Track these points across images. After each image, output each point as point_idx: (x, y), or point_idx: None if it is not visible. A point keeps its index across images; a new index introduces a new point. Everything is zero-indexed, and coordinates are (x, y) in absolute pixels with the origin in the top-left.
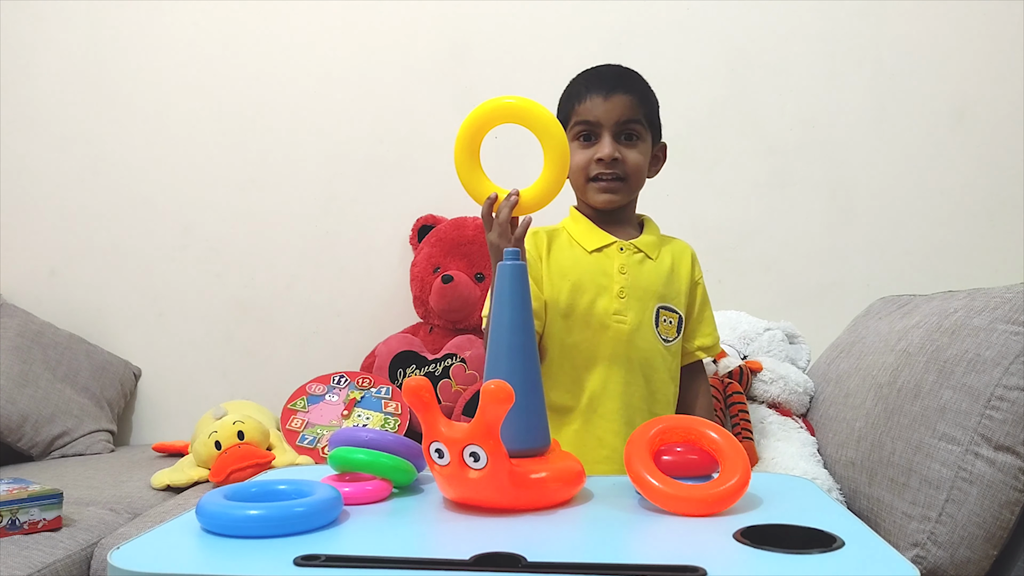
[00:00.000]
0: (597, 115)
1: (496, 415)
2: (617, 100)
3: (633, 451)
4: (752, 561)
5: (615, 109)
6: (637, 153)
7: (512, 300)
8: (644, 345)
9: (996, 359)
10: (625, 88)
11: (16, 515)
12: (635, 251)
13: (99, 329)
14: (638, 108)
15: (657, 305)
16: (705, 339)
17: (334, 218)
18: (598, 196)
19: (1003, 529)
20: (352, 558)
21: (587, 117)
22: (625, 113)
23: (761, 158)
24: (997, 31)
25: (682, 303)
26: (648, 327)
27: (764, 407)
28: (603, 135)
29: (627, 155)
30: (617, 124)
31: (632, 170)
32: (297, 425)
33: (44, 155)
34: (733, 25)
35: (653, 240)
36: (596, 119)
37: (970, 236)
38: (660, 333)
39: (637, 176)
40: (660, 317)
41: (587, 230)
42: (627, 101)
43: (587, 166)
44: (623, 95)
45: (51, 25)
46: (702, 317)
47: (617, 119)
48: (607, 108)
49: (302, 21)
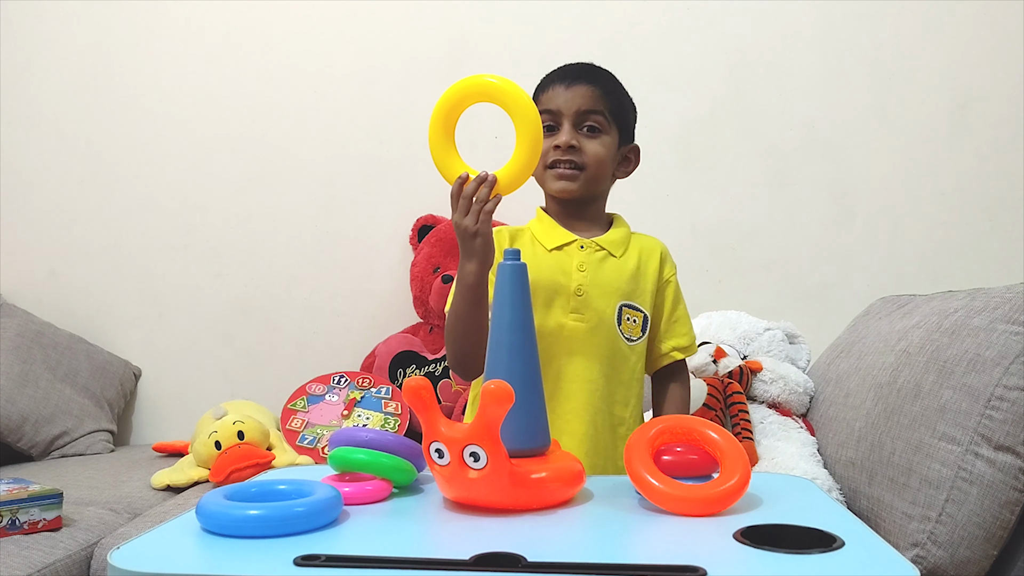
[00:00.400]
0: (558, 104)
1: (496, 415)
2: (578, 90)
3: (633, 451)
4: (752, 561)
5: (575, 98)
6: (598, 145)
7: (512, 300)
8: (604, 343)
9: (996, 359)
10: (588, 79)
11: (16, 515)
12: (596, 249)
13: (99, 329)
14: (600, 100)
15: (620, 303)
16: (680, 339)
17: (334, 218)
18: (555, 184)
19: (1003, 529)
20: (352, 558)
21: (548, 106)
22: (586, 103)
23: (761, 158)
24: (997, 31)
25: (648, 302)
26: (609, 325)
27: (764, 407)
28: (563, 124)
29: (586, 145)
30: (578, 114)
31: (590, 160)
32: (297, 425)
33: (44, 155)
34: (733, 25)
35: (618, 238)
36: (557, 108)
37: (970, 236)
38: (623, 332)
39: (597, 167)
40: (623, 315)
41: (549, 228)
42: (589, 92)
43: (546, 154)
44: (585, 85)
45: (51, 25)
46: (675, 316)
47: (577, 108)
48: (568, 97)
49: (302, 21)
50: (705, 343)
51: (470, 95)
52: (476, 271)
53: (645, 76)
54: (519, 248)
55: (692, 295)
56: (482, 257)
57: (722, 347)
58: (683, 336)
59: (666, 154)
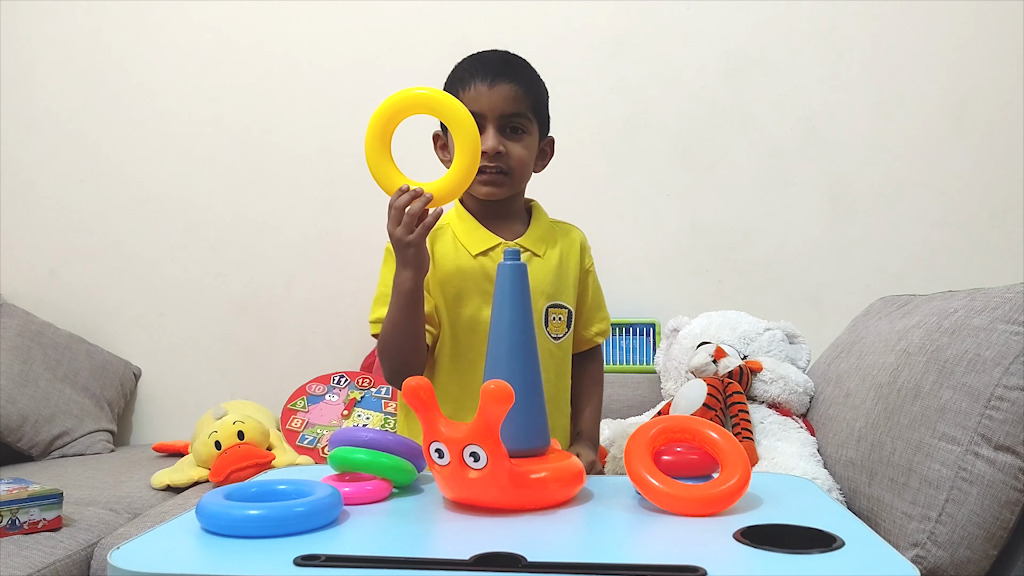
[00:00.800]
0: (481, 106)
1: (496, 415)
2: (501, 90)
3: (633, 451)
4: (752, 561)
5: (499, 100)
6: (522, 147)
7: (512, 299)
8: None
9: (996, 359)
10: (510, 77)
11: (16, 515)
12: (522, 251)
13: (99, 329)
14: (524, 100)
15: (546, 305)
16: (602, 323)
17: (334, 218)
18: (480, 188)
19: (1003, 529)
20: (352, 558)
21: (471, 107)
22: (509, 105)
23: (761, 158)
24: (997, 31)
25: (571, 296)
26: (537, 329)
27: (764, 407)
28: (487, 127)
29: (511, 149)
30: (502, 117)
31: (516, 164)
32: (297, 425)
33: (44, 155)
34: (733, 25)
35: (540, 234)
36: (480, 110)
37: (970, 236)
38: (549, 332)
39: (521, 170)
40: (549, 316)
41: (472, 230)
42: (512, 92)
43: None
44: (508, 84)
45: (51, 25)
46: (596, 303)
47: (502, 111)
48: (491, 99)
49: (302, 21)
50: (705, 343)
51: (406, 107)
52: (411, 277)
53: (645, 76)
54: (439, 248)
55: (692, 295)
56: (416, 265)
57: (722, 347)
58: (604, 320)
59: (666, 154)
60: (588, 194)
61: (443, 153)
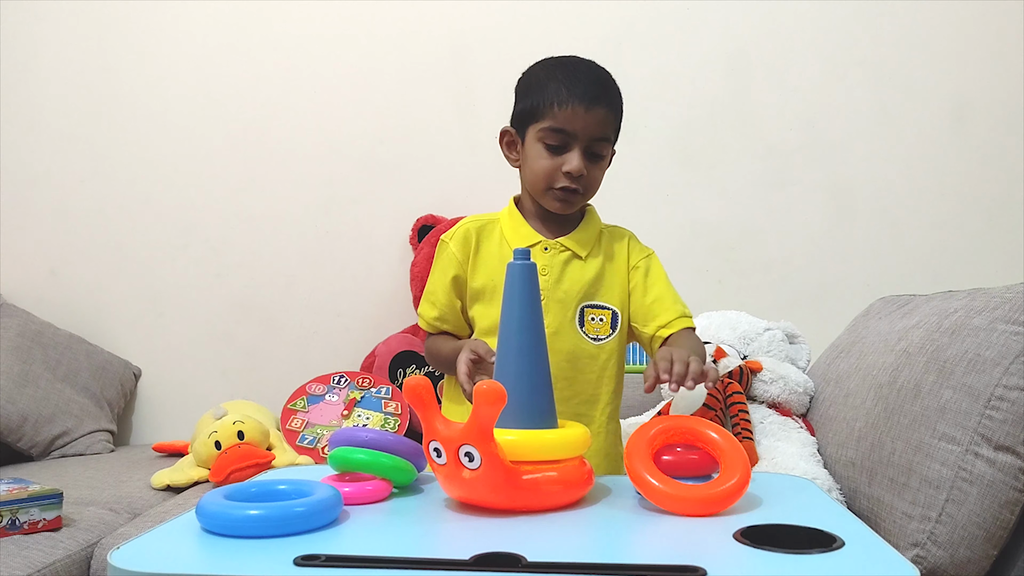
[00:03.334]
0: (575, 127)
1: (489, 415)
2: (597, 114)
3: (633, 451)
4: (752, 561)
5: (593, 125)
6: (599, 170)
7: (522, 300)
8: (564, 347)
9: (996, 359)
10: (606, 101)
11: (16, 515)
12: (561, 250)
13: (99, 329)
14: (611, 124)
15: (581, 305)
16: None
17: (334, 218)
18: (553, 203)
19: (1003, 529)
20: (352, 558)
21: (564, 127)
22: (599, 130)
23: (761, 158)
24: (997, 31)
25: (616, 297)
26: (569, 329)
27: (764, 407)
28: (574, 147)
29: (591, 171)
30: (592, 139)
31: (592, 185)
32: (297, 425)
33: (44, 155)
34: (733, 25)
35: (585, 237)
36: (573, 131)
37: (970, 236)
38: (587, 333)
39: (594, 189)
40: (585, 316)
41: (518, 226)
42: (606, 117)
43: (552, 174)
44: (604, 109)
45: (51, 25)
46: (649, 299)
47: (593, 135)
48: (586, 122)
49: (302, 21)
50: (705, 343)
51: None
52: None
53: (645, 76)
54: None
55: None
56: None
57: (722, 347)
58: (664, 313)
59: (666, 154)
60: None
61: (509, 150)
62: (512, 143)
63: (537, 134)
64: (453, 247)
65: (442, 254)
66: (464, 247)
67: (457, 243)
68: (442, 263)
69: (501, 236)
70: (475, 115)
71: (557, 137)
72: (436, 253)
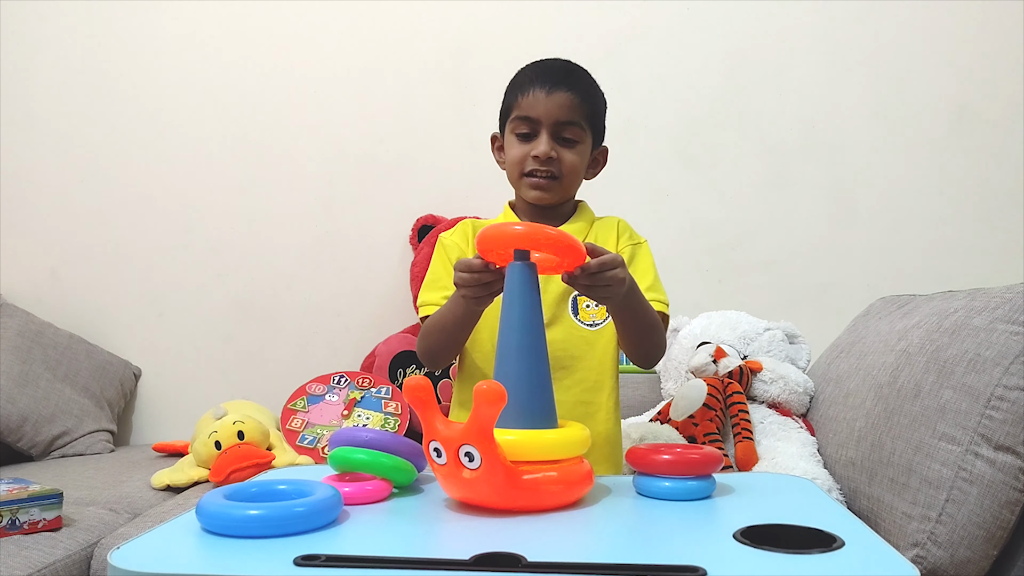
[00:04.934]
0: (538, 112)
1: (489, 416)
2: (558, 98)
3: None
4: (752, 561)
5: (555, 108)
6: (574, 154)
7: (521, 300)
8: (559, 337)
9: (996, 359)
10: (568, 85)
11: (16, 515)
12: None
13: (99, 329)
14: (579, 108)
15: (573, 294)
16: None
17: (334, 218)
18: (530, 192)
19: (1003, 529)
20: (352, 558)
21: (528, 113)
22: (564, 113)
23: (761, 158)
24: (997, 31)
25: None
26: (564, 319)
27: (764, 407)
28: (541, 132)
29: (563, 155)
30: (556, 123)
31: (567, 170)
32: (297, 425)
33: (44, 155)
34: (733, 25)
35: (576, 228)
36: (536, 116)
37: (970, 236)
38: (581, 320)
39: (572, 176)
40: (579, 304)
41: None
42: (568, 100)
43: (523, 161)
44: (565, 92)
45: (51, 25)
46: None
47: (556, 118)
48: (548, 106)
49: (302, 21)
50: (705, 343)
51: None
52: (482, 308)
53: (645, 76)
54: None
55: (692, 295)
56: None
57: (722, 347)
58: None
59: (666, 154)
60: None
61: (499, 155)
62: (500, 147)
63: (510, 128)
64: (455, 238)
65: (443, 246)
66: (464, 239)
67: (459, 236)
68: (444, 254)
69: None
70: (475, 115)
71: (524, 125)
72: (435, 250)
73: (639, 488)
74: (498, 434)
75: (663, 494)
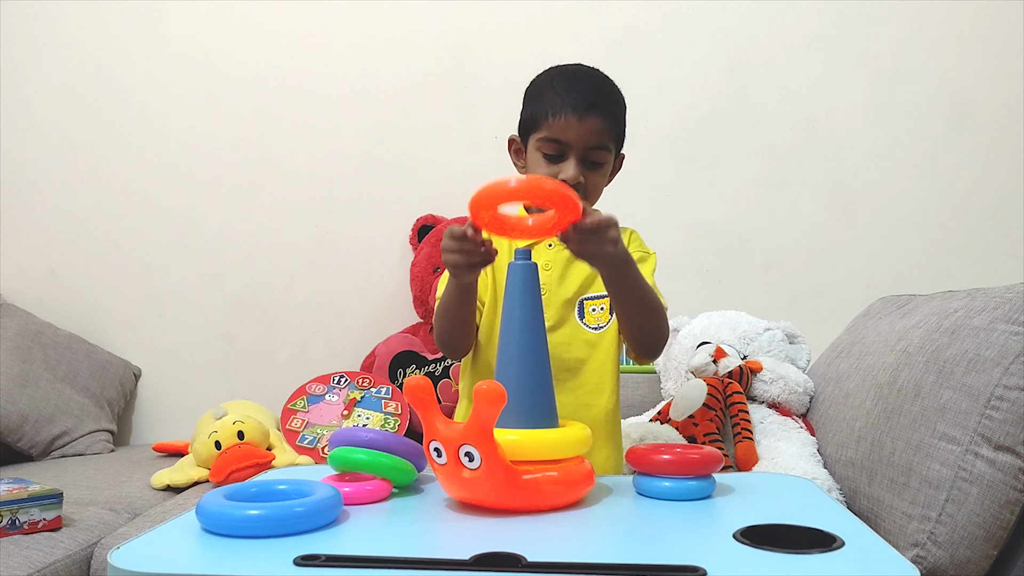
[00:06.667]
0: (568, 137)
1: (489, 415)
2: (591, 124)
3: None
4: (752, 561)
5: (587, 135)
6: (599, 176)
7: (523, 299)
8: (563, 340)
9: (996, 359)
10: (601, 109)
11: (16, 515)
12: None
13: (99, 329)
14: (608, 132)
15: (580, 298)
16: None
17: (334, 218)
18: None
19: (1003, 529)
20: (352, 558)
21: (558, 136)
22: (596, 139)
23: (761, 158)
24: (997, 31)
25: None
26: (570, 323)
27: (764, 407)
28: (570, 156)
29: (590, 179)
30: (586, 148)
31: (592, 192)
32: (297, 425)
33: (44, 155)
34: (733, 25)
35: None
36: (567, 140)
37: (970, 236)
38: (587, 323)
39: (595, 196)
40: (585, 308)
41: None
42: (600, 126)
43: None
44: (598, 118)
45: (51, 25)
46: None
47: (587, 144)
48: (580, 132)
49: (302, 21)
50: (705, 343)
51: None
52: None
53: (645, 76)
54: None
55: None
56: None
57: (722, 347)
58: None
59: (666, 154)
60: None
61: (518, 159)
62: (519, 151)
63: (535, 143)
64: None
65: None
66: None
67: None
68: None
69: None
70: (475, 115)
71: (553, 147)
72: None
73: (639, 488)
74: (498, 434)
75: (663, 494)
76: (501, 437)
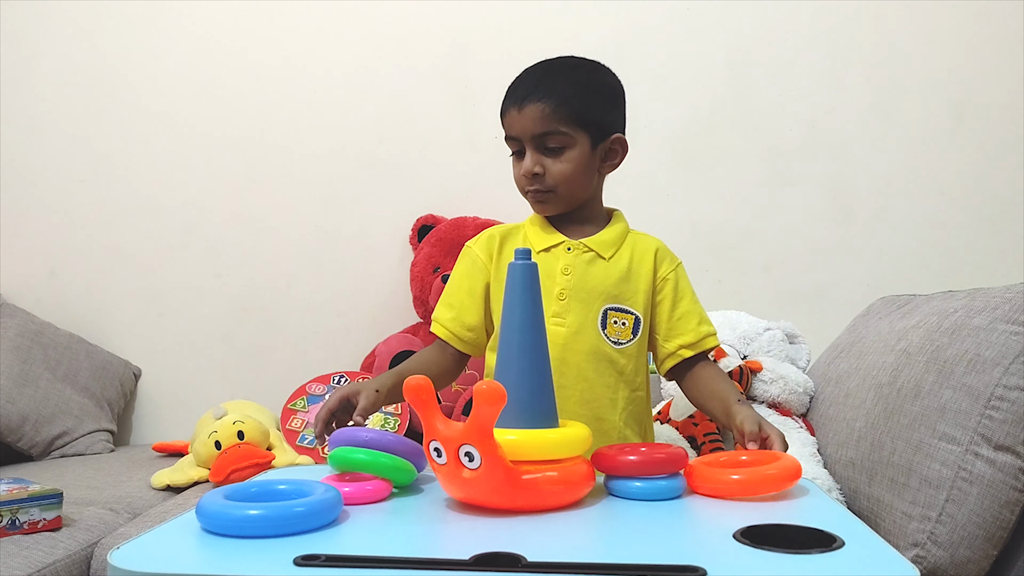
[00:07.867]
0: (515, 130)
1: (489, 415)
2: (529, 111)
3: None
4: (752, 561)
5: (529, 122)
6: (562, 162)
7: (523, 300)
8: (584, 348)
9: (996, 359)
10: (538, 96)
11: (16, 515)
12: (584, 250)
13: (99, 329)
14: (554, 116)
15: (604, 307)
16: (686, 336)
17: (334, 218)
18: (535, 205)
19: (1003, 529)
20: (352, 558)
21: (509, 132)
22: (538, 126)
23: (761, 158)
24: (997, 31)
25: (640, 303)
26: (591, 329)
27: (764, 407)
28: (526, 149)
29: (549, 167)
30: (534, 137)
31: (558, 180)
32: (297, 425)
33: (44, 155)
34: (733, 25)
35: (610, 238)
36: (515, 134)
37: (970, 236)
38: (608, 335)
39: (566, 184)
40: (608, 319)
41: (541, 229)
42: (540, 111)
43: (519, 181)
44: (535, 104)
45: (51, 25)
46: (677, 314)
47: (532, 132)
48: (522, 122)
49: (302, 21)
50: None
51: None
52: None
53: (645, 76)
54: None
55: None
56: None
57: (722, 347)
58: (689, 332)
59: (666, 154)
60: None
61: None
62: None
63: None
64: (476, 249)
65: (464, 258)
66: (487, 249)
67: (481, 246)
68: (463, 266)
69: (525, 239)
70: (475, 115)
71: (513, 144)
72: (459, 258)
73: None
74: (498, 434)
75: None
76: (501, 437)
